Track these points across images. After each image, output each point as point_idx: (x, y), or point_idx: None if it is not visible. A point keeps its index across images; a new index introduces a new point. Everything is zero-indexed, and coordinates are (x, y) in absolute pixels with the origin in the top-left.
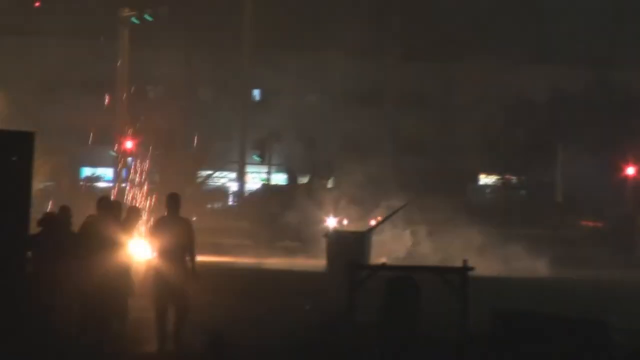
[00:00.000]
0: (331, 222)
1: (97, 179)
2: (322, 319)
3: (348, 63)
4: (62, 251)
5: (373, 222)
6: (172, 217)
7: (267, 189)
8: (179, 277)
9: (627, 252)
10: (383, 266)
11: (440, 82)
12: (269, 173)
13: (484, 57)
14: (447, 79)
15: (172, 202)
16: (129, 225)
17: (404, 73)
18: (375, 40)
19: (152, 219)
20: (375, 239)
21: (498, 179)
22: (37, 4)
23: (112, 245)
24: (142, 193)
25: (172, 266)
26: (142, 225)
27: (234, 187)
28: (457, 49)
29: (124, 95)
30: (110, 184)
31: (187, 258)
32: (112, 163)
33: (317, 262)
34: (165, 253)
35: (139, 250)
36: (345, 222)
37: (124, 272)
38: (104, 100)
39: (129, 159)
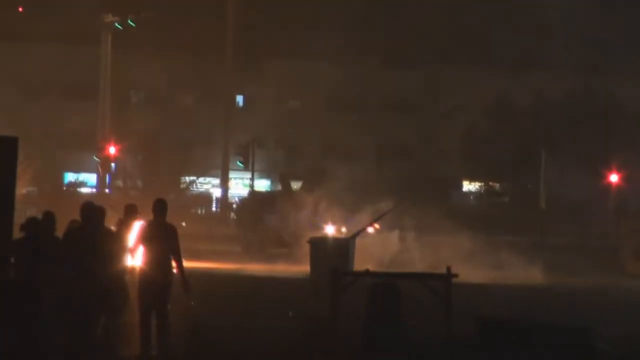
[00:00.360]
0: (330, 229)
1: (81, 184)
2: (305, 325)
3: (331, 69)
4: (45, 256)
5: (371, 229)
6: (158, 222)
7: (258, 196)
8: (164, 283)
9: (611, 259)
10: (366, 273)
11: (423, 88)
12: (252, 179)
13: (468, 63)
14: (431, 86)
15: (159, 208)
16: (127, 223)
17: (386, 79)
18: (358, 46)
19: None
20: (360, 245)
21: (481, 186)
22: (20, 9)
23: (98, 251)
24: (126, 198)
25: (157, 271)
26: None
27: (217, 192)
28: (441, 55)
29: (107, 100)
30: (94, 189)
31: (174, 264)
32: (96, 168)
33: (304, 268)
34: (152, 258)
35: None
36: (343, 229)
37: (114, 278)
38: (87, 105)
39: (112, 164)
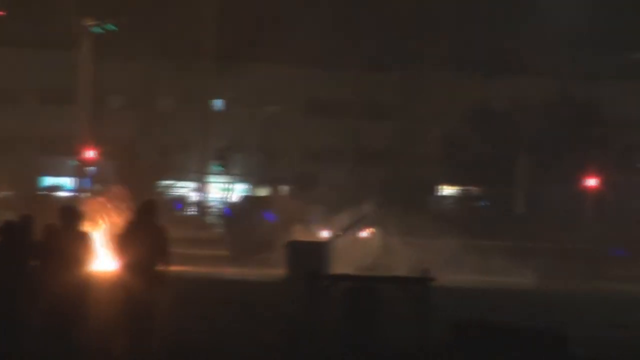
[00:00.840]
0: (324, 233)
1: (58, 188)
2: (281, 328)
3: (309, 74)
4: (23, 260)
5: (365, 233)
6: (145, 224)
7: (248, 200)
8: (148, 286)
9: (589, 263)
10: (343, 276)
11: (401, 93)
12: (230, 183)
13: (446, 68)
14: (409, 91)
15: (147, 209)
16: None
17: (365, 84)
18: (336, 51)
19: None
20: (341, 248)
21: (459, 190)
22: (1, 13)
23: (74, 255)
24: (104, 202)
25: (142, 274)
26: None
27: (194, 196)
28: (419, 60)
29: (86, 105)
30: (72, 193)
31: (160, 265)
32: (73, 173)
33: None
34: (136, 260)
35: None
36: (325, 232)
37: (83, 282)
38: (66, 110)
39: (91, 168)
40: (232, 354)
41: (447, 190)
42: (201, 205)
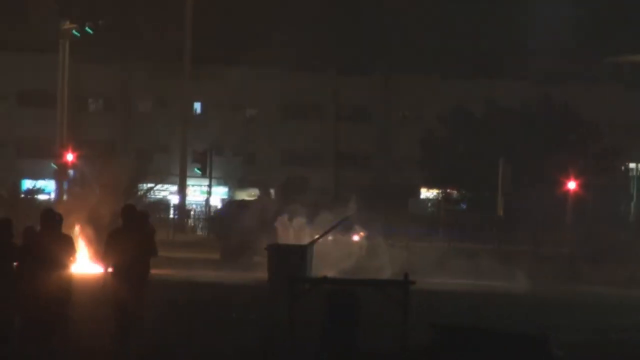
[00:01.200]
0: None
1: (38, 191)
2: (262, 332)
3: (287, 77)
4: (3, 263)
5: (357, 237)
6: (127, 228)
7: (235, 204)
8: (135, 288)
9: (568, 266)
10: (324, 279)
11: (380, 96)
12: (209, 186)
13: (425, 70)
14: (387, 94)
15: (127, 214)
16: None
17: (343, 87)
18: (314, 54)
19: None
20: (323, 251)
21: (439, 193)
22: None
23: (55, 258)
24: (83, 205)
25: (128, 277)
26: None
27: (174, 200)
28: (397, 63)
29: (65, 108)
30: (52, 196)
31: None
32: (53, 175)
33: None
34: (122, 264)
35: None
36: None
37: (65, 285)
38: (45, 113)
39: (70, 171)
40: (212, 357)
41: (427, 193)
42: (181, 209)
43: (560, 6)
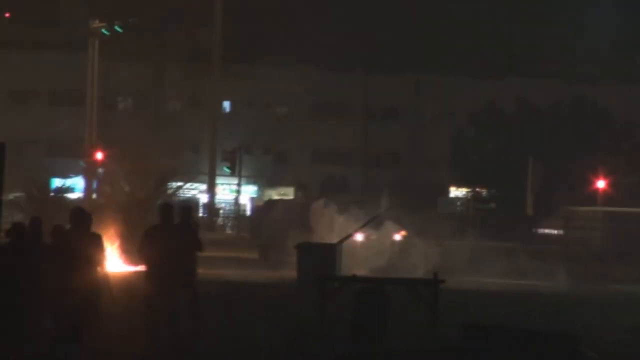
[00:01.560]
0: (359, 237)
1: (68, 189)
2: (291, 331)
3: (318, 76)
4: (31, 262)
5: (398, 236)
6: (165, 226)
7: (273, 203)
8: (171, 285)
9: (597, 264)
10: (353, 278)
11: (411, 95)
12: (239, 185)
13: (454, 70)
14: (418, 92)
15: (165, 212)
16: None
17: (374, 86)
18: (345, 53)
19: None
20: (355, 249)
21: (468, 192)
22: (7, 15)
23: (84, 256)
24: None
25: (164, 273)
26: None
27: (204, 198)
28: (428, 62)
29: (95, 106)
30: (81, 195)
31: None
32: (83, 174)
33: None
34: (158, 261)
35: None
36: (388, 237)
37: (96, 283)
38: (75, 111)
39: (99, 169)
40: (243, 356)
41: (456, 192)
42: (210, 207)
43: (592, 6)
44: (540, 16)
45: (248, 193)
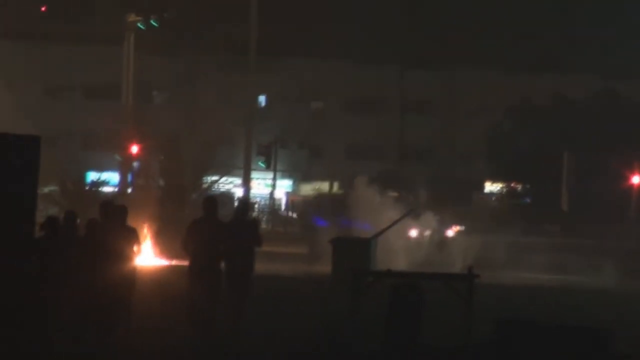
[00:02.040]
0: (413, 233)
1: (103, 183)
2: (326, 325)
3: (353, 70)
4: (65, 255)
5: (451, 232)
6: (209, 220)
7: (323, 197)
8: (214, 278)
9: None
10: (388, 273)
11: (445, 89)
12: (274, 179)
13: (489, 64)
14: (452, 87)
15: (209, 206)
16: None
17: (408, 80)
18: (379, 47)
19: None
20: (393, 244)
21: (503, 187)
22: (43, 9)
23: (118, 250)
24: (148, 197)
25: (206, 267)
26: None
27: (239, 193)
28: (462, 56)
29: (130, 100)
30: (116, 189)
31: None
32: (118, 167)
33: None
34: (201, 255)
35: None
36: (427, 232)
37: (128, 277)
38: (110, 105)
39: (134, 163)
40: (275, 349)
41: (491, 187)
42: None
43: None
44: (575, 10)
45: (283, 187)
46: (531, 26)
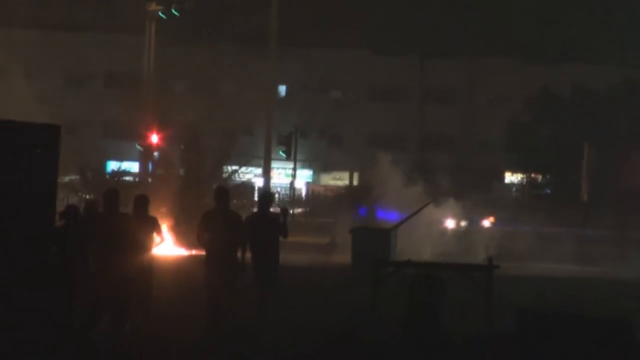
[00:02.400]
0: (450, 223)
1: (123, 172)
2: (346, 315)
3: (373, 59)
4: (85, 245)
5: (487, 223)
6: (222, 210)
7: (357, 188)
8: (228, 269)
9: None
10: (407, 263)
11: (465, 79)
12: (294, 169)
13: (509, 54)
14: (472, 76)
15: (221, 196)
16: (138, 215)
17: (428, 70)
18: (400, 36)
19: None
20: (412, 236)
21: (523, 178)
22: None
23: (138, 240)
24: (168, 186)
25: (221, 258)
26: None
27: (259, 182)
28: (482, 46)
29: (150, 89)
30: (136, 178)
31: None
32: (138, 157)
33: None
34: (216, 246)
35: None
36: (464, 222)
37: (146, 266)
38: (131, 94)
39: (155, 153)
40: (296, 339)
41: (511, 177)
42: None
43: None
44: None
45: (303, 177)
46: (552, 16)
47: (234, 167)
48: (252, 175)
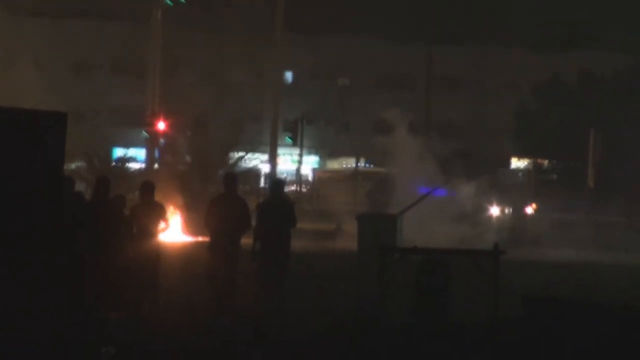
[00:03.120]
0: (494, 210)
1: (130, 159)
2: (352, 302)
3: (380, 46)
4: (98, 232)
5: (530, 209)
6: (229, 196)
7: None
8: (232, 255)
9: None
10: (414, 249)
11: (472, 67)
12: (300, 155)
13: (516, 41)
14: (480, 63)
15: (229, 182)
16: (144, 202)
17: (436, 56)
18: (407, 23)
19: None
20: (421, 222)
21: (529, 163)
22: None
23: (147, 226)
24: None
25: (226, 244)
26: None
27: (265, 168)
28: (490, 33)
29: (157, 76)
30: (142, 165)
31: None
32: (144, 144)
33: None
34: (221, 231)
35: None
36: (507, 210)
37: (157, 253)
38: (137, 81)
39: (161, 139)
40: (301, 326)
41: (517, 163)
42: (271, 178)
43: None
44: None
45: (309, 164)
46: (559, 3)
47: (241, 154)
48: (258, 161)
